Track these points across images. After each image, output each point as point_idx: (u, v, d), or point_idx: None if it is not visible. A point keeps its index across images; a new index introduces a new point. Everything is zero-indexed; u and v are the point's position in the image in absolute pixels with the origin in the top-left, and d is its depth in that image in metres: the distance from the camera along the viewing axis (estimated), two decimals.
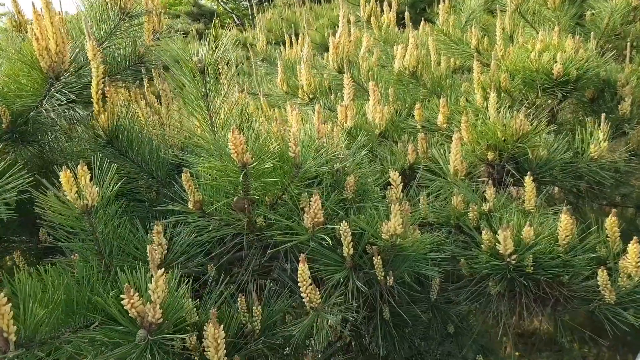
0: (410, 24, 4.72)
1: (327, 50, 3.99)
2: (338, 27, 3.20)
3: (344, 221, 1.28)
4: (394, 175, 1.51)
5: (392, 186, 1.52)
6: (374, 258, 1.31)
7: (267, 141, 1.32)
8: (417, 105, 2.39)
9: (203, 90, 1.47)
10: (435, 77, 2.62)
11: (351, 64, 2.79)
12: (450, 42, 3.25)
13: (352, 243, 1.33)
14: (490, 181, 1.88)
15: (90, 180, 1.29)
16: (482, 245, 1.57)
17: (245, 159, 1.31)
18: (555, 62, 2.33)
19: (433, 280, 1.66)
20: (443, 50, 3.26)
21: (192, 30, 13.79)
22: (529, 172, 1.72)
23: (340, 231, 1.29)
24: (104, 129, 1.70)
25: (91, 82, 1.64)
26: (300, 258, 1.21)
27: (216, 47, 1.49)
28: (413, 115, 2.45)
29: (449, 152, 1.89)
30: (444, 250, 1.55)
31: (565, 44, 2.46)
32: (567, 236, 1.55)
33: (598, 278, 1.48)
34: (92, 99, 1.68)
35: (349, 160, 1.56)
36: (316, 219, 1.29)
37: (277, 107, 3.98)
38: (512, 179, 2.04)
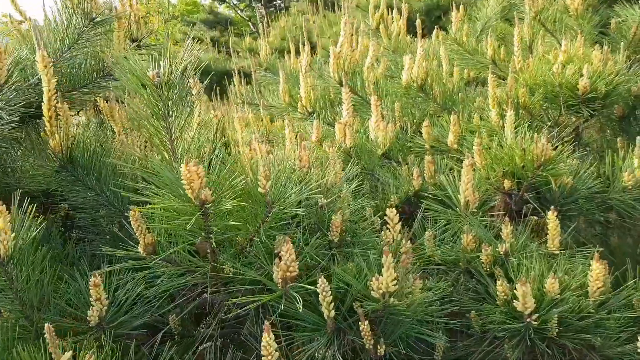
0: (421, 32, 4.47)
1: None
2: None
3: (321, 277, 1.03)
4: (391, 213, 1.25)
5: (388, 225, 1.27)
6: (360, 323, 1.05)
7: (229, 174, 1.08)
8: (425, 123, 2.13)
9: (162, 109, 1.23)
10: (446, 90, 2.36)
11: (355, 75, 2.55)
12: (464, 52, 2.99)
13: (333, 303, 1.07)
14: (506, 216, 1.61)
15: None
16: (496, 297, 1.31)
17: (203, 197, 1.07)
18: (581, 75, 2.06)
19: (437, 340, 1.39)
20: (456, 60, 3.00)
21: (205, 38, 13.74)
22: (552, 207, 1.45)
23: (319, 289, 1.04)
24: (57, 151, 1.47)
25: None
26: (264, 326, 0.96)
27: (181, 59, 1.25)
28: (421, 133, 2.19)
29: (460, 178, 1.63)
30: (451, 303, 1.29)
31: (592, 55, 2.19)
32: (598, 288, 1.28)
33: (639, 343, 1.20)
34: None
35: (338, 193, 1.31)
36: (289, 273, 1.04)
37: (279, 120, 3.76)
38: (531, 210, 1.77)
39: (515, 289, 1.21)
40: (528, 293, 1.17)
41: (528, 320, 1.20)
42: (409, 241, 1.32)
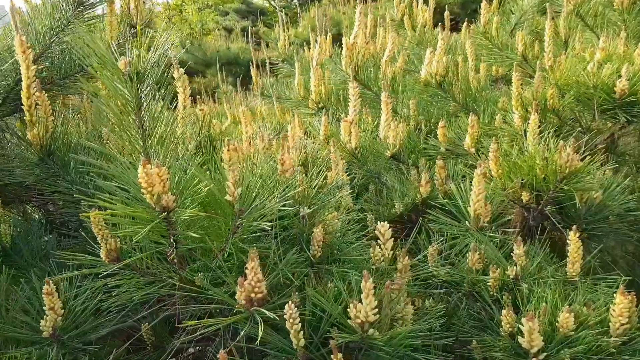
0: (455, 25, 4.25)
1: None
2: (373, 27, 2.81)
3: (290, 303, 0.90)
4: (382, 228, 1.11)
5: (379, 241, 1.12)
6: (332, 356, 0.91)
7: (191, 179, 0.95)
8: (441, 123, 1.96)
9: (133, 102, 1.11)
10: (468, 88, 2.18)
11: (369, 69, 2.39)
12: (492, 46, 2.78)
13: (306, 330, 0.94)
14: (522, 233, 1.44)
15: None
16: (500, 329, 1.15)
17: (165, 203, 0.95)
18: (620, 76, 1.85)
19: None
20: (485, 56, 2.80)
21: (236, 28, 13.70)
22: (574, 226, 1.28)
23: (286, 315, 0.90)
24: (35, 143, 1.38)
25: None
26: (219, 355, 0.83)
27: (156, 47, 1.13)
28: (436, 134, 2.03)
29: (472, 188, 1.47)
30: (449, 330, 1.14)
31: (634, 54, 1.97)
32: (622, 325, 1.10)
33: None
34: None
35: (326, 202, 1.17)
36: (255, 294, 0.91)
37: (288, 113, 3.63)
38: (550, 226, 1.58)
39: (522, 323, 1.05)
40: (535, 329, 1.01)
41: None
42: (407, 257, 1.17)
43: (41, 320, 1.02)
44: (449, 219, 1.47)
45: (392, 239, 1.13)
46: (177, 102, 1.37)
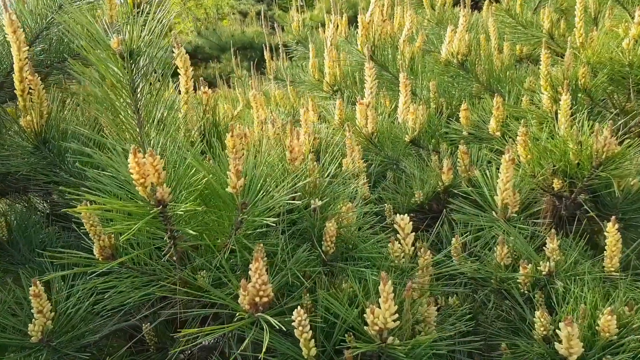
0: (476, 4, 4.07)
1: None
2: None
3: (299, 308, 0.80)
4: (402, 221, 1.00)
5: (398, 235, 1.02)
6: None
7: (187, 169, 0.85)
8: (464, 105, 1.84)
9: (126, 85, 1.02)
10: (492, 68, 2.04)
11: (386, 49, 2.26)
12: (516, 24, 2.63)
13: (319, 336, 0.84)
14: (554, 224, 1.32)
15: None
16: (533, 332, 1.04)
17: (160, 195, 0.85)
18: None
19: None
20: (508, 34, 2.64)
21: (251, 12, 13.53)
22: (613, 217, 1.15)
23: (295, 322, 0.80)
24: (28, 131, 1.30)
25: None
26: None
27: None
28: (458, 118, 1.90)
29: (498, 175, 1.35)
30: (476, 334, 1.04)
31: None
32: None
33: None
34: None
35: (339, 193, 1.06)
36: (260, 298, 0.82)
37: (306, 97, 3.51)
38: (586, 217, 1.46)
39: (558, 325, 0.94)
40: (574, 335, 0.89)
41: None
42: (428, 252, 1.07)
43: (29, 324, 0.93)
44: (473, 208, 1.36)
45: (412, 232, 1.03)
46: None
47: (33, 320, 0.94)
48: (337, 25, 2.47)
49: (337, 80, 2.25)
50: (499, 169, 1.26)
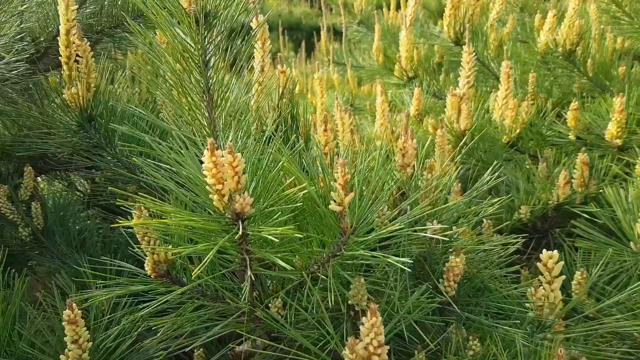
0: None
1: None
2: None
3: None
4: (550, 260, 0.74)
5: (541, 277, 0.76)
6: None
7: (275, 178, 0.62)
8: (573, 104, 1.54)
9: (199, 55, 0.79)
10: (604, 62, 1.73)
11: (476, 34, 1.97)
12: (621, 14, 2.28)
13: None
14: None
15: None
16: None
17: (239, 207, 0.63)
18: None
19: None
20: (608, 25, 2.30)
21: None
22: None
23: None
24: (72, 106, 1.09)
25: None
26: None
27: None
28: (562, 118, 1.61)
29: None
30: None
31: None
32: None
33: None
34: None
35: (461, 214, 0.81)
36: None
37: (366, 84, 3.25)
38: None
39: None
40: None
41: None
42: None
43: (61, 356, 0.73)
44: (603, 235, 1.09)
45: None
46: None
47: (66, 351, 0.73)
48: (415, 2, 2.19)
49: (413, 65, 1.98)
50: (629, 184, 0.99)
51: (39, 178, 1.52)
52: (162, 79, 0.82)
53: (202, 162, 0.62)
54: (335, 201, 0.63)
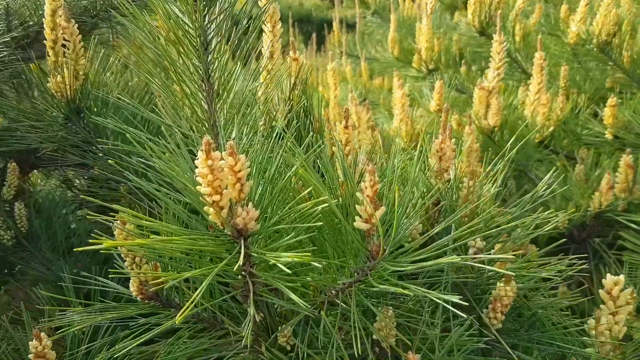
0: None
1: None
2: None
3: None
4: (615, 286, 0.62)
5: (603, 307, 0.63)
6: None
7: (284, 189, 0.50)
8: (611, 100, 1.40)
9: (197, 36, 0.66)
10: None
11: (506, 22, 1.83)
12: None
13: None
14: None
15: None
16: None
17: (241, 223, 0.50)
18: None
19: None
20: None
21: None
22: None
23: None
24: (59, 97, 0.97)
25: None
26: None
27: None
28: (596, 115, 1.48)
29: None
30: None
31: None
32: None
33: None
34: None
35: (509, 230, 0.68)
36: None
37: (377, 77, 3.11)
38: None
39: None
40: None
41: None
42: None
43: None
44: None
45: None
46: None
47: None
48: None
49: (433, 57, 1.85)
50: None
51: (35, 172, 1.41)
52: (154, 64, 0.69)
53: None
54: (361, 216, 0.50)
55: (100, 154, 1.03)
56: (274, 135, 0.64)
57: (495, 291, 0.59)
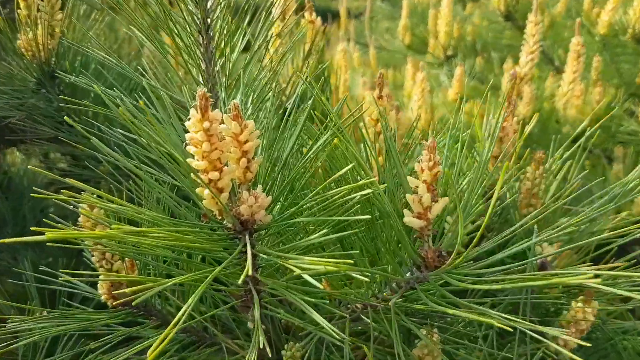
0: None
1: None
2: None
3: None
4: None
5: None
6: None
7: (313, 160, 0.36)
8: None
9: None
10: None
11: (522, 13, 1.69)
12: None
13: None
14: None
15: None
16: None
17: (246, 211, 0.36)
18: None
19: None
20: None
21: None
22: None
23: None
24: (30, 58, 0.82)
25: None
26: None
27: None
28: (635, 113, 1.35)
29: None
30: None
31: None
32: None
33: None
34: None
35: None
36: None
37: (393, 66, 2.97)
38: None
39: None
40: None
41: None
42: None
43: None
44: None
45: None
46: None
47: None
48: None
49: (452, 42, 1.71)
50: None
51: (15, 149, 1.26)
52: (140, 11, 0.55)
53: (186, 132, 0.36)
54: (411, 210, 0.36)
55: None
56: (291, 104, 0.49)
57: (569, 312, 0.46)
